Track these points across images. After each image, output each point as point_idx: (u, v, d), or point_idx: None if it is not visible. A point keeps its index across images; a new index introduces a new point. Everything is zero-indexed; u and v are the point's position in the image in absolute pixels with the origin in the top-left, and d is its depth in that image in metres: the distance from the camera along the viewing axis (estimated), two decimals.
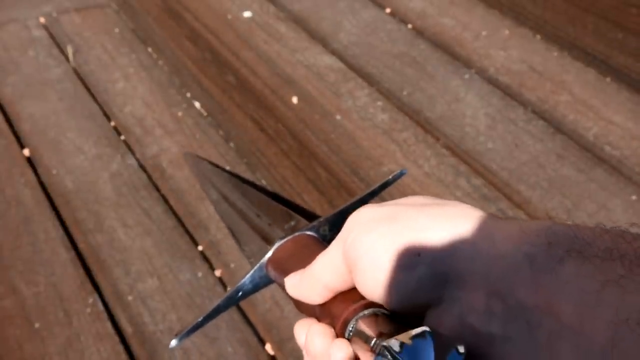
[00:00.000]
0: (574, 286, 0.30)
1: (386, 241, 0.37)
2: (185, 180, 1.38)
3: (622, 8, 1.69)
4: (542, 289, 0.31)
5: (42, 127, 1.51)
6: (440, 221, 0.36)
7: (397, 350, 0.32)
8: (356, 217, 0.40)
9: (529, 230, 0.33)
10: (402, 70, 1.70)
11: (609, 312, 0.28)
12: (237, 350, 1.08)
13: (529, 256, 0.32)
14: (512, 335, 0.32)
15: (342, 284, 0.41)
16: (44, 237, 1.25)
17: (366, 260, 0.37)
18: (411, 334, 0.33)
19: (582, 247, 0.31)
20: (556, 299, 0.30)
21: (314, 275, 0.42)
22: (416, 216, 0.38)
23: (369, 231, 0.38)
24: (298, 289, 0.44)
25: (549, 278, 0.31)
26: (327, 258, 0.41)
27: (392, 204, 0.40)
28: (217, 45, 1.80)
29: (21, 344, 1.08)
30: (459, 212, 0.37)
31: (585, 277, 0.30)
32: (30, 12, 1.92)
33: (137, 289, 1.17)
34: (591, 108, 1.56)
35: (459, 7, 1.94)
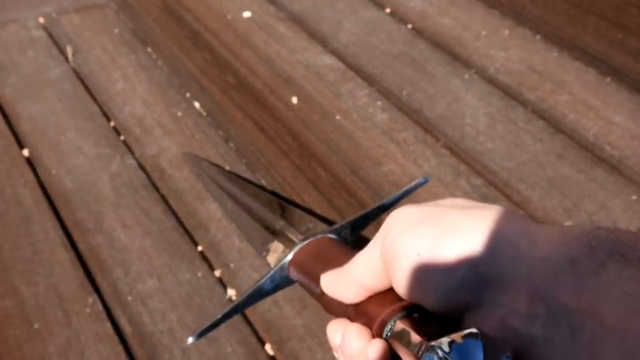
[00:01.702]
0: (617, 289, 0.30)
1: (426, 242, 0.37)
2: (184, 181, 1.38)
3: (623, 8, 1.69)
4: (585, 292, 0.31)
5: (42, 127, 1.51)
6: (482, 223, 0.36)
7: (447, 350, 0.32)
8: (396, 217, 0.40)
9: (571, 233, 0.33)
10: (401, 70, 1.70)
11: None
12: (236, 350, 1.08)
13: (571, 259, 0.32)
14: (554, 338, 0.32)
15: (379, 284, 0.40)
16: (43, 237, 1.25)
17: (406, 260, 0.37)
18: (463, 333, 0.32)
19: (624, 250, 0.31)
20: (599, 302, 0.30)
21: (351, 273, 0.42)
22: (457, 217, 0.37)
23: (410, 231, 0.38)
24: (334, 287, 0.43)
25: (592, 281, 0.31)
26: (364, 257, 0.41)
27: (431, 205, 0.40)
28: (216, 46, 1.80)
29: (21, 344, 1.08)
30: (500, 215, 0.37)
31: (627, 280, 0.30)
32: (30, 13, 1.92)
33: (137, 289, 1.17)
34: (591, 108, 1.56)
35: (459, 7, 1.94)
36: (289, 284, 0.50)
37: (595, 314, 0.30)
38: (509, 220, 0.36)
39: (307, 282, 0.46)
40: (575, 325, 0.31)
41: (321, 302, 0.45)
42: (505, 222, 0.36)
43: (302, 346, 1.09)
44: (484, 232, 0.36)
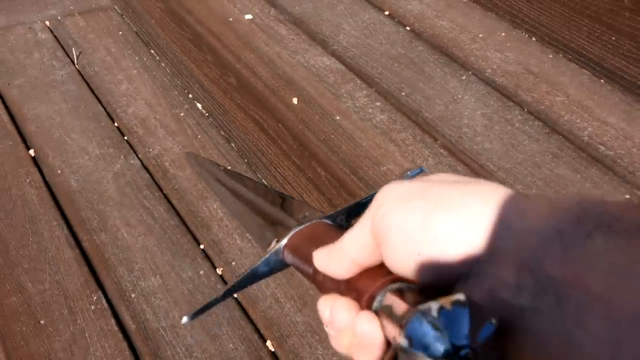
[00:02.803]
0: (603, 260, 0.30)
1: (417, 216, 0.37)
2: (187, 180, 1.40)
3: (616, 11, 1.71)
4: (572, 263, 0.31)
5: (47, 128, 1.54)
6: (473, 197, 0.37)
7: (435, 315, 0.32)
8: (386, 192, 0.40)
9: (559, 205, 0.34)
10: (400, 71, 1.72)
11: (638, 284, 0.29)
12: (238, 347, 1.10)
13: (559, 231, 0.32)
14: (542, 308, 0.32)
15: (370, 259, 0.40)
16: (49, 235, 1.28)
17: (396, 234, 0.37)
18: (451, 298, 0.32)
19: (611, 221, 0.31)
20: (585, 272, 0.30)
21: (343, 249, 0.42)
22: (448, 192, 0.38)
23: (400, 206, 0.38)
24: (326, 263, 0.43)
25: (579, 252, 0.31)
26: (356, 232, 0.41)
27: (421, 181, 0.40)
28: (218, 47, 1.83)
29: (27, 340, 1.10)
30: (489, 189, 0.37)
31: (614, 251, 0.30)
32: (36, 16, 1.94)
33: (140, 287, 1.19)
34: (586, 109, 1.58)
35: (456, 9, 1.96)
36: (283, 267, 0.50)
37: (582, 285, 0.30)
38: (499, 194, 0.36)
39: (301, 264, 0.47)
40: (561, 296, 0.31)
41: (315, 282, 0.45)
42: (496, 195, 0.36)
43: (302, 343, 1.11)
44: (475, 206, 0.36)
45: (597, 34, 1.74)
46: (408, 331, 0.33)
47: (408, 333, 0.33)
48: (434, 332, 0.32)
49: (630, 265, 0.29)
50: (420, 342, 0.32)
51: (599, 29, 1.74)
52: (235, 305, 1.16)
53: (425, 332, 0.32)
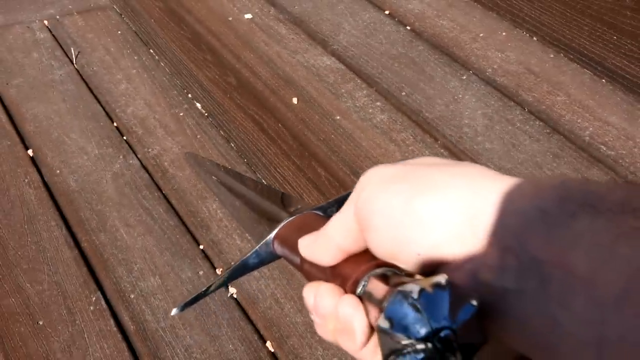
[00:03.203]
0: (587, 240, 0.30)
1: (400, 199, 0.36)
2: (186, 180, 1.40)
3: (617, 10, 1.71)
4: (555, 243, 0.31)
5: (46, 128, 1.53)
6: (457, 180, 0.36)
7: (415, 297, 0.32)
8: (368, 176, 0.39)
9: (542, 185, 0.34)
10: (400, 71, 1.72)
11: (621, 264, 0.28)
12: (237, 347, 1.10)
13: (542, 211, 0.32)
14: (525, 289, 0.32)
15: (355, 245, 0.40)
16: (47, 236, 1.27)
17: (380, 218, 0.37)
18: (432, 281, 0.32)
19: (595, 201, 0.31)
20: (569, 252, 0.30)
21: (327, 235, 0.41)
22: (431, 174, 0.37)
23: (383, 190, 0.38)
24: (311, 250, 0.43)
25: (562, 232, 0.31)
26: (340, 218, 0.41)
27: (404, 164, 0.40)
28: (218, 47, 1.82)
29: (26, 341, 1.10)
30: (473, 171, 0.37)
31: (598, 231, 0.30)
32: (34, 15, 1.94)
33: (140, 287, 1.18)
34: (587, 109, 1.58)
35: (457, 9, 1.96)
36: (274, 259, 0.49)
37: (565, 265, 0.30)
38: (483, 176, 0.36)
39: (289, 254, 0.47)
40: (545, 276, 0.31)
41: (302, 271, 0.45)
42: (479, 178, 0.36)
43: (302, 343, 1.11)
44: (459, 188, 0.35)
45: (599, 33, 1.74)
46: (388, 313, 0.33)
47: (388, 314, 0.32)
48: (414, 314, 0.32)
49: (614, 246, 0.29)
50: (400, 323, 0.32)
51: (601, 29, 1.73)
52: (235, 305, 1.16)
53: (405, 313, 0.32)
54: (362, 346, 0.39)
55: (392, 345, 0.32)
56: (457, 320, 0.32)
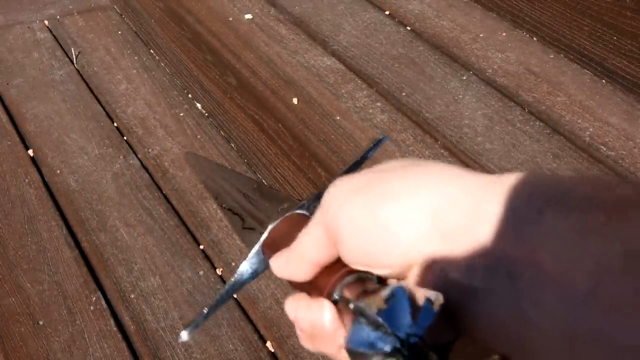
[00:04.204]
0: (555, 236, 0.30)
1: (365, 211, 0.37)
2: (186, 180, 1.40)
3: (617, 11, 1.71)
4: (523, 241, 0.31)
5: (46, 128, 1.54)
6: (418, 182, 0.36)
7: (374, 313, 0.32)
8: (334, 190, 0.39)
9: (510, 182, 0.33)
10: (401, 71, 1.72)
11: (590, 261, 0.28)
12: (237, 347, 1.10)
13: (510, 208, 0.32)
14: (495, 287, 0.32)
15: (328, 258, 0.40)
16: (47, 236, 1.27)
17: (348, 231, 0.37)
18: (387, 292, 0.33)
19: (562, 196, 0.31)
20: (538, 249, 0.30)
21: (299, 254, 0.42)
22: (393, 182, 0.37)
23: (348, 202, 0.38)
24: (285, 270, 0.43)
25: (530, 229, 0.31)
26: (310, 234, 0.41)
27: (368, 172, 0.40)
28: (218, 47, 1.82)
29: (26, 341, 1.10)
30: (437, 171, 0.37)
31: (565, 227, 0.30)
32: (35, 15, 1.94)
33: (140, 287, 1.19)
34: (587, 109, 1.58)
35: (457, 9, 1.96)
36: (267, 266, 0.50)
37: (534, 262, 0.30)
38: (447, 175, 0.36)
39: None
40: (514, 274, 0.31)
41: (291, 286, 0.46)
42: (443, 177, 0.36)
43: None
44: (422, 191, 0.35)
45: (599, 34, 1.74)
46: (352, 336, 0.33)
47: (353, 338, 0.33)
48: (376, 332, 0.32)
49: (581, 241, 0.29)
50: (367, 343, 0.32)
51: (601, 29, 1.73)
52: (235, 305, 1.16)
53: (367, 333, 0.32)
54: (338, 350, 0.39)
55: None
56: (422, 325, 0.32)
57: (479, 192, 0.34)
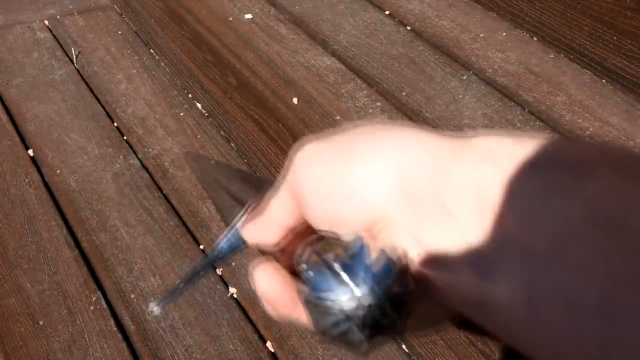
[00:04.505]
0: (517, 195, 0.30)
1: (329, 171, 0.37)
2: (187, 180, 1.40)
3: (618, 11, 1.71)
4: (487, 200, 0.30)
5: (46, 128, 1.54)
6: (383, 144, 0.36)
7: (336, 265, 0.32)
8: (299, 153, 0.39)
9: (472, 143, 0.33)
10: (401, 71, 1.72)
11: (552, 219, 0.28)
12: (237, 347, 1.10)
13: (473, 168, 0.32)
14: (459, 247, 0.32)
15: (296, 221, 0.40)
16: (47, 235, 1.27)
17: (312, 193, 0.37)
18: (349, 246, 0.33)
19: (526, 155, 0.30)
20: (500, 209, 0.30)
21: (267, 217, 0.42)
22: (359, 144, 0.37)
23: (312, 164, 0.38)
24: (255, 235, 0.43)
25: (493, 189, 0.30)
26: (277, 198, 0.41)
27: (333, 134, 0.40)
28: (218, 47, 1.82)
29: (26, 341, 1.10)
30: (401, 132, 0.36)
31: (528, 185, 0.29)
32: (35, 15, 1.94)
33: (140, 287, 1.19)
34: (587, 109, 1.58)
35: (457, 9, 1.96)
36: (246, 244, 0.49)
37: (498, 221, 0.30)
38: (411, 135, 0.36)
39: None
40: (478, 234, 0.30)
41: (261, 252, 0.45)
42: (408, 138, 0.35)
43: (302, 343, 1.11)
44: (386, 152, 0.35)
45: (599, 33, 1.74)
46: (309, 283, 0.33)
47: (309, 285, 0.33)
48: (335, 284, 0.32)
49: (545, 200, 0.29)
50: (325, 293, 0.32)
51: (601, 29, 1.73)
52: (235, 305, 1.16)
53: (328, 283, 0.32)
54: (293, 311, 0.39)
55: (321, 315, 0.33)
56: (381, 279, 0.32)
57: (444, 153, 0.34)
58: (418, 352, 1.09)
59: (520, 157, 0.30)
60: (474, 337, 1.09)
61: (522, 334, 0.30)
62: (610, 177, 0.28)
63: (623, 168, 0.29)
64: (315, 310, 0.33)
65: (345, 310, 0.32)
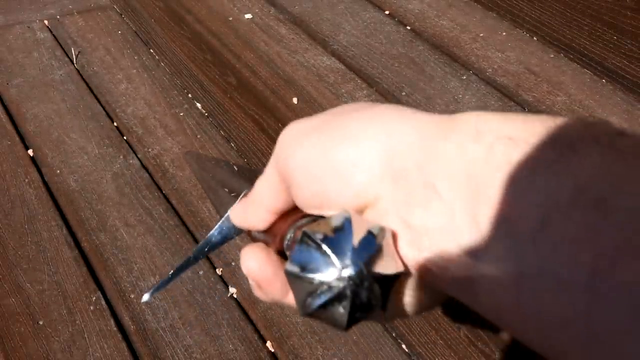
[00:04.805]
0: (504, 172, 0.29)
1: (316, 152, 0.36)
2: (186, 180, 1.40)
3: (618, 10, 1.71)
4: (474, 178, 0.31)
5: (46, 128, 1.54)
6: (372, 124, 0.36)
7: (320, 238, 0.32)
8: (286, 134, 0.39)
9: (458, 120, 0.33)
10: (401, 71, 1.72)
11: (538, 197, 0.28)
12: (237, 347, 1.10)
13: (460, 146, 0.32)
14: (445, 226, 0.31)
15: (284, 204, 0.40)
16: (47, 235, 1.27)
17: (300, 174, 0.37)
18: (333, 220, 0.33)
19: (512, 133, 0.30)
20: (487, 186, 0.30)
21: (255, 200, 0.42)
22: (347, 123, 0.37)
23: (300, 145, 0.37)
24: (243, 218, 0.43)
25: (480, 166, 0.30)
26: (265, 180, 0.41)
27: (321, 115, 0.39)
28: (218, 47, 1.82)
29: (26, 341, 1.10)
30: (390, 112, 0.36)
31: (514, 163, 0.29)
32: (35, 15, 1.94)
33: (140, 287, 1.19)
34: (587, 109, 1.58)
35: (457, 9, 1.96)
36: (237, 233, 0.49)
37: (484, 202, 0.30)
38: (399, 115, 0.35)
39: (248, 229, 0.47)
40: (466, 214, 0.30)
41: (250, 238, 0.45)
42: (396, 118, 0.35)
43: (302, 343, 1.11)
44: (374, 132, 0.35)
45: (599, 33, 1.74)
46: (294, 258, 0.33)
47: (294, 260, 0.33)
48: (320, 255, 0.32)
49: (531, 177, 0.29)
50: (308, 266, 0.32)
51: (601, 29, 1.73)
52: (235, 305, 1.16)
53: (311, 256, 0.32)
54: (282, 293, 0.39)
55: (304, 288, 0.33)
56: (363, 254, 0.32)
57: (431, 131, 0.34)
58: (418, 352, 1.09)
59: (508, 136, 0.30)
60: (474, 337, 1.09)
61: (511, 315, 0.30)
62: (597, 155, 0.28)
63: (608, 144, 0.29)
64: (298, 284, 0.33)
65: (326, 282, 0.32)
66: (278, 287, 0.39)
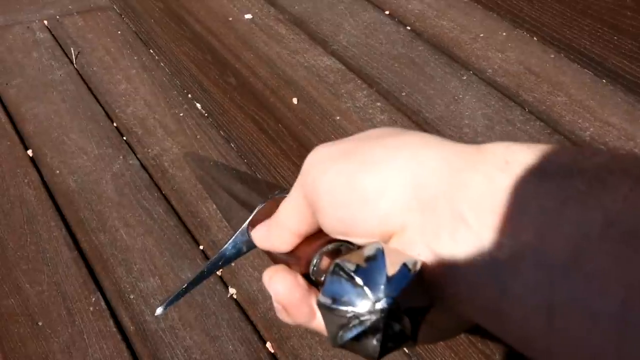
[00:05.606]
0: (534, 204, 0.30)
1: (343, 179, 0.36)
2: (186, 181, 1.39)
3: (618, 10, 1.71)
4: (503, 210, 0.30)
5: (46, 128, 1.53)
6: (399, 151, 0.36)
7: (352, 269, 0.32)
8: (312, 158, 0.39)
9: (486, 151, 0.33)
10: (401, 71, 1.71)
11: (569, 229, 0.28)
12: (237, 348, 1.10)
13: (488, 177, 0.32)
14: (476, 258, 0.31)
15: (308, 228, 0.40)
16: (47, 236, 1.27)
17: (326, 199, 0.37)
18: (366, 252, 0.33)
19: (541, 164, 0.31)
20: (516, 219, 0.30)
21: (279, 223, 0.42)
22: (371, 149, 0.37)
23: (326, 170, 0.37)
24: (266, 240, 0.43)
25: (508, 197, 0.30)
26: (289, 204, 0.41)
27: (347, 140, 0.40)
28: (218, 47, 1.82)
29: (25, 342, 1.09)
30: (416, 140, 0.36)
31: (544, 195, 0.29)
32: (34, 15, 1.94)
33: (139, 288, 1.18)
34: (587, 109, 1.58)
35: (457, 9, 1.95)
36: (251, 248, 0.49)
37: (513, 232, 0.30)
38: (426, 144, 0.36)
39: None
40: (494, 244, 0.30)
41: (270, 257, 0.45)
42: (423, 146, 0.35)
43: (302, 344, 1.11)
44: (401, 160, 0.35)
45: (599, 33, 1.73)
46: (326, 290, 0.33)
47: (327, 292, 0.33)
48: (352, 287, 0.32)
49: (561, 209, 0.29)
50: (341, 298, 0.32)
51: (601, 29, 1.73)
52: (235, 306, 1.16)
53: (343, 288, 0.32)
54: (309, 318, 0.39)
55: (336, 320, 0.32)
56: (396, 287, 0.32)
57: (458, 161, 0.34)
58: (418, 352, 1.09)
59: (536, 168, 0.30)
60: (474, 338, 1.09)
61: (540, 345, 0.29)
62: (626, 187, 0.28)
63: (637, 177, 0.29)
64: (330, 316, 0.33)
65: (359, 314, 0.32)
66: (305, 313, 0.39)
